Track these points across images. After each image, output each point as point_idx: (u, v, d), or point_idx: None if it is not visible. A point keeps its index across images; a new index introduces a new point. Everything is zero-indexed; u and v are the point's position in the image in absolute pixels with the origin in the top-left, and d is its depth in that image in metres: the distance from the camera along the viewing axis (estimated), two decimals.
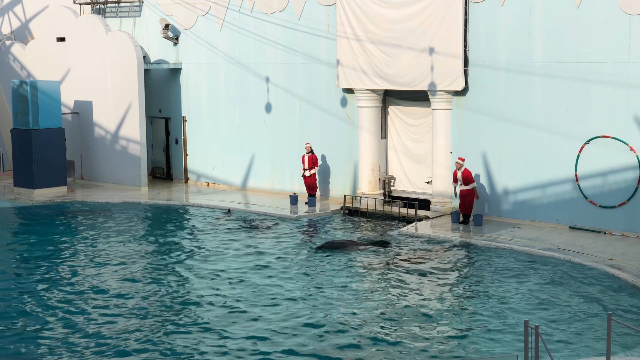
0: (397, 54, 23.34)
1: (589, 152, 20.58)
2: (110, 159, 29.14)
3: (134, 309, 15.52)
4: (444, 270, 18.03)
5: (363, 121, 24.47)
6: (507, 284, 16.76)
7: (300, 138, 26.14)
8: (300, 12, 25.83)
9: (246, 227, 22.44)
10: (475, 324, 14.43)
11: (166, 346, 13.57)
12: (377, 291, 16.52)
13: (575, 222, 21.02)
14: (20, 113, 27.38)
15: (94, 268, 18.53)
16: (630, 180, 20.05)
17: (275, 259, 19.04)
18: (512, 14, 21.55)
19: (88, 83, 29.32)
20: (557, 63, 20.87)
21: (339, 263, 18.59)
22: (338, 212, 24.22)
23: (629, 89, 19.81)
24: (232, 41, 27.77)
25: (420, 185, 24.23)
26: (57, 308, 15.67)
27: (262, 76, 27.09)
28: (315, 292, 16.47)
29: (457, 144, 22.79)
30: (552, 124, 21.12)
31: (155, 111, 30.33)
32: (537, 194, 21.62)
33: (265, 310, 15.35)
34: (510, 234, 20.55)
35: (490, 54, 22.04)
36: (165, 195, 27.36)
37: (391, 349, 13.32)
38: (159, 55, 29.75)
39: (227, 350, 13.37)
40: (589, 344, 13.37)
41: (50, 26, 30.44)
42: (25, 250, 20.48)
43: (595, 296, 15.89)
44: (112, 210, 25.12)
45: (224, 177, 28.67)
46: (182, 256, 19.61)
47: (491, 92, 22.12)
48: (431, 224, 22.12)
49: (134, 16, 30.34)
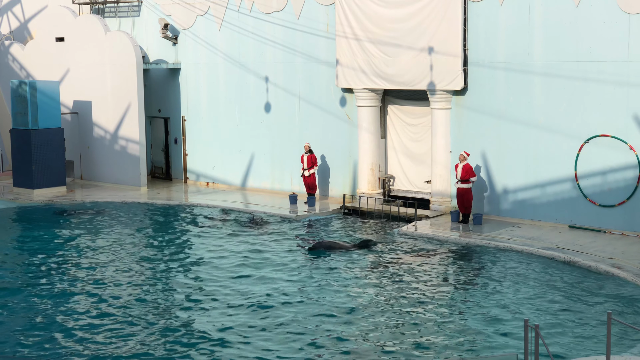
0: (397, 53, 23.34)
1: (589, 151, 20.58)
2: (109, 159, 29.13)
3: (128, 310, 15.52)
4: (442, 269, 18.04)
5: (362, 121, 24.47)
6: (507, 283, 16.76)
7: (300, 138, 26.13)
8: (299, 11, 25.82)
9: (248, 224, 22.48)
10: (474, 324, 14.42)
11: (161, 349, 13.58)
12: (374, 290, 16.52)
13: (575, 221, 21.02)
14: (19, 113, 27.36)
15: (91, 269, 18.52)
16: (630, 179, 20.05)
17: (273, 259, 19.05)
18: (511, 13, 21.54)
19: (87, 83, 29.32)
20: (557, 62, 20.87)
21: (336, 264, 18.60)
22: (337, 211, 24.22)
23: (628, 88, 19.81)
24: (232, 41, 27.76)
25: (419, 184, 24.22)
26: (53, 309, 15.66)
27: (261, 76, 27.08)
28: (311, 294, 16.49)
29: (456, 143, 22.79)
30: (551, 123, 21.12)
31: (154, 111, 30.32)
32: (537, 193, 21.61)
33: (262, 312, 15.36)
34: (509, 233, 20.55)
35: (490, 53, 22.03)
36: (164, 195, 27.36)
37: (389, 349, 13.33)
38: (158, 55, 29.74)
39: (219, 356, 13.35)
40: (589, 343, 13.36)
41: (49, 26, 30.43)
42: (24, 250, 20.46)
43: (595, 295, 15.89)
44: (111, 210, 25.10)
45: (223, 176, 28.66)
46: (179, 256, 19.61)
47: (491, 91, 22.12)
48: (431, 223, 22.12)
49: (133, 16, 30.33)
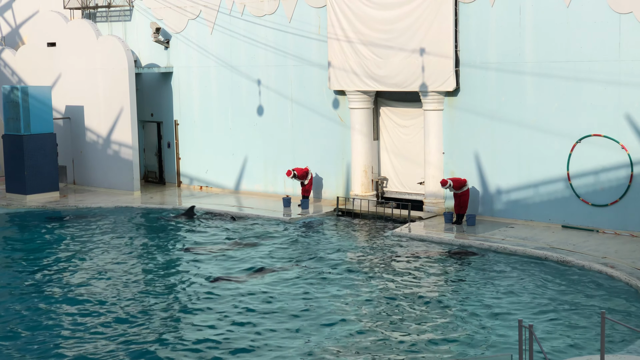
0: (388, 55, 23.36)
1: (581, 151, 20.62)
2: (102, 164, 29.07)
3: (120, 314, 15.51)
4: (435, 270, 18.04)
5: (355, 123, 24.48)
6: (500, 284, 16.77)
7: (293, 140, 26.12)
8: (291, 14, 25.82)
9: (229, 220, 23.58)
10: (468, 324, 14.43)
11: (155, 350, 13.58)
12: (367, 292, 16.53)
13: (568, 220, 21.05)
14: (11, 119, 27.31)
15: (85, 273, 18.48)
16: (622, 178, 20.09)
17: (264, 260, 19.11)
18: (502, 14, 21.58)
19: (79, 88, 29.26)
20: (548, 62, 20.92)
21: (330, 262, 18.62)
22: (331, 213, 24.22)
23: (619, 87, 19.86)
24: (223, 44, 27.74)
25: (412, 186, 24.24)
26: (46, 313, 15.63)
27: (253, 79, 27.08)
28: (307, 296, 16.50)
29: (449, 144, 22.81)
30: (543, 123, 21.16)
31: (147, 115, 30.28)
32: (530, 193, 21.65)
33: (256, 316, 15.37)
34: (503, 233, 20.57)
35: (481, 54, 22.07)
36: (158, 199, 27.31)
37: (384, 349, 13.33)
38: (150, 59, 29.71)
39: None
40: (583, 342, 13.39)
41: (40, 31, 30.37)
42: (15, 256, 20.40)
43: (589, 294, 15.92)
44: (104, 215, 25.04)
45: (216, 180, 28.63)
46: (171, 260, 19.58)
47: (482, 92, 22.15)
48: (424, 225, 22.14)
49: (124, 20, 30.29)
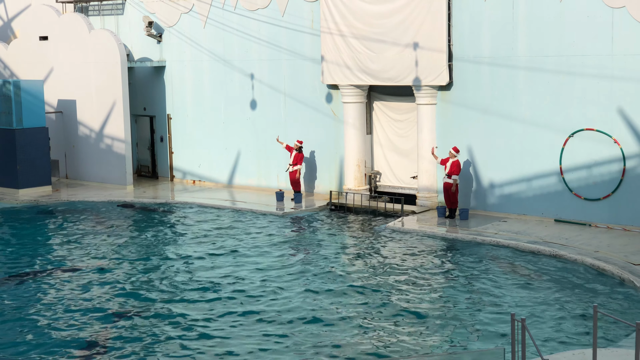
0: (381, 49, 23.34)
1: (574, 145, 20.67)
2: (95, 158, 29.00)
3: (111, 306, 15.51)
4: (428, 265, 18.06)
5: (348, 117, 24.47)
6: (493, 278, 16.81)
7: (286, 134, 26.09)
8: (284, 8, 25.78)
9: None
10: (461, 318, 14.46)
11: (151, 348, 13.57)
12: (361, 287, 16.54)
13: (561, 214, 21.11)
14: (3, 113, 27.20)
15: (77, 269, 18.46)
16: (615, 172, 20.14)
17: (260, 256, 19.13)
18: (495, 8, 21.58)
19: (71, 82, 29.17)
20: (541, 56, 20.94)
21: (322, 258, 18.64)
22: (324, 207, 24.23)
23: (612, 81, 19.89)
24: (216, 38, 27.68)
25: (406, 180, 24.26)
26: (41, 310, 15.61)
27: (246, 73, 27.03)
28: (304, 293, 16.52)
29: (442, 138, 22.83)
30: (536, 117, 21.19)
31: (139, 109, 30.21)
32: (523, 187, 21.69)
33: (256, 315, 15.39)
34: (496, 227, 20.61)
35: (475, 48, 22.07)
36: (151, 193, 27.27)
37: (378, 345, 13.35)
38: (142, 53, 29.62)
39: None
40: (576, 336, 13.43)
41: (32, 25, 30.23)
42: (8, 251, 20.37)
43: (581, 288, 15.97)
44: (97, 209, 25.00)
45: (209, 174, 28.60)
46: (166, 254, 19.58)
47: (476, 86, 22.17)
48: (417, 219, 22.16)
49: (116, 14, 30.19)
